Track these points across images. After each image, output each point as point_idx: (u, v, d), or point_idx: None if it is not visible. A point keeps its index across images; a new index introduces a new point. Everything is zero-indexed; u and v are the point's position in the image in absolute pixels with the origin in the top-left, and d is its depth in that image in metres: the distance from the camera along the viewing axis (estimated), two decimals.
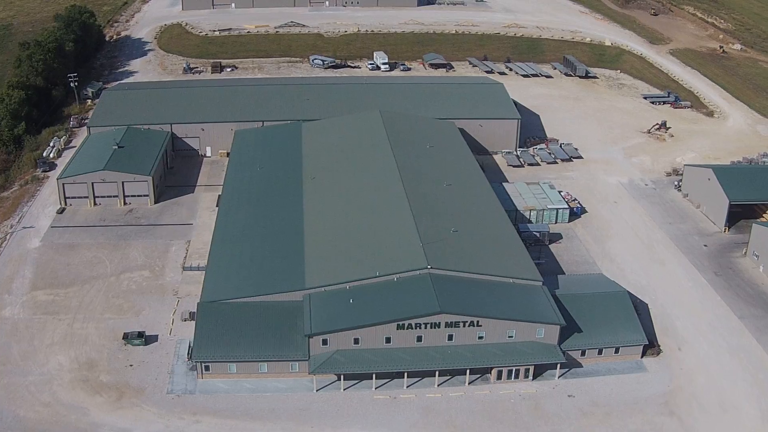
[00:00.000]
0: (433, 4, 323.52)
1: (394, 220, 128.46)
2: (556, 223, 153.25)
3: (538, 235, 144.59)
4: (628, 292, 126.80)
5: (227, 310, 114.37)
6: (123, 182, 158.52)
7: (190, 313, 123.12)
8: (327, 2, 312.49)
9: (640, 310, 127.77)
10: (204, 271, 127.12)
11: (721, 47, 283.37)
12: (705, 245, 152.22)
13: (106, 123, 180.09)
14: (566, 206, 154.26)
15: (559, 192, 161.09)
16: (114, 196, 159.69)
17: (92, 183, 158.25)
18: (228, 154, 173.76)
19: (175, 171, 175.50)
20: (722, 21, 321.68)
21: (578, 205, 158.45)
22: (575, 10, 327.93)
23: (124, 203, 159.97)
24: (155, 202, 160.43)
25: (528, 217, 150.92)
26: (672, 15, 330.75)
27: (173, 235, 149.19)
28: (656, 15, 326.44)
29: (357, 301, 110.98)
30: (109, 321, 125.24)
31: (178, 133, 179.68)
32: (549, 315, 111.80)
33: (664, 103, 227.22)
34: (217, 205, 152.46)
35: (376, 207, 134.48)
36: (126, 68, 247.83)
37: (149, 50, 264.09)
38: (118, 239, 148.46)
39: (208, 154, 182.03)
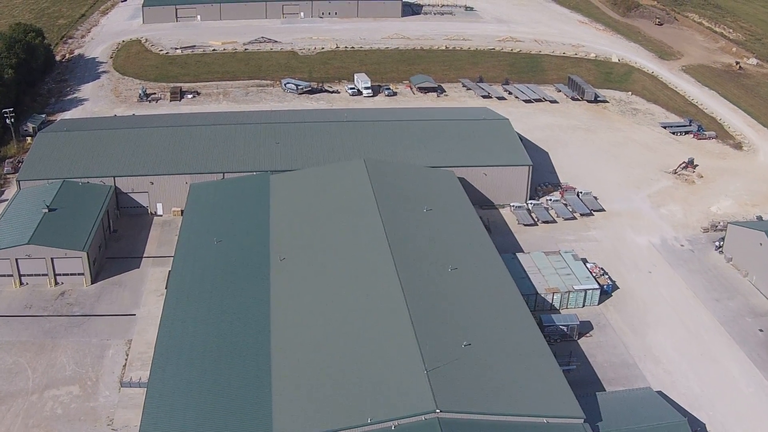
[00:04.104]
0: (419, 14, 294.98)
1: (388, 332, 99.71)
2: (583, 306, 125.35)
3: (565, 329, 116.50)
4: (686, 413, 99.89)
5: None
6: (53, 258, 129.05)
7: None
8: (302, 14, 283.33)
9: None
10: (145, 390, 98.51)
11: (737, 63, 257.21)
12: (760, 330, 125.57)
13: (38, 175, 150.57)
14: (596, 285, 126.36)
15: (584, 262, 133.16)
16: (43, 275, 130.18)
17: (16, 259, 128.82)
18: (182, 212, 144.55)
19: (119, 235, 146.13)
20: (731, 30, 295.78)
21: (609, 282, 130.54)
22: (573, 20, 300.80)
23: (55, 283, 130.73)
24: (92, 282, 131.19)
25: (551, 302, 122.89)
26: (678, 24, 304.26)
27: (111, 331, 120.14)
28: (661, 25, 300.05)
29: None
30: None
31: (123, 187, 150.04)
32: None
33: (686, 132, 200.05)
34: (166, 287, 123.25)
35: (363, 310, 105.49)
36: (75, 95, 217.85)
37: (103, 72, 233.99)
38: (45, 336, 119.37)
39: (159, 212, 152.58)
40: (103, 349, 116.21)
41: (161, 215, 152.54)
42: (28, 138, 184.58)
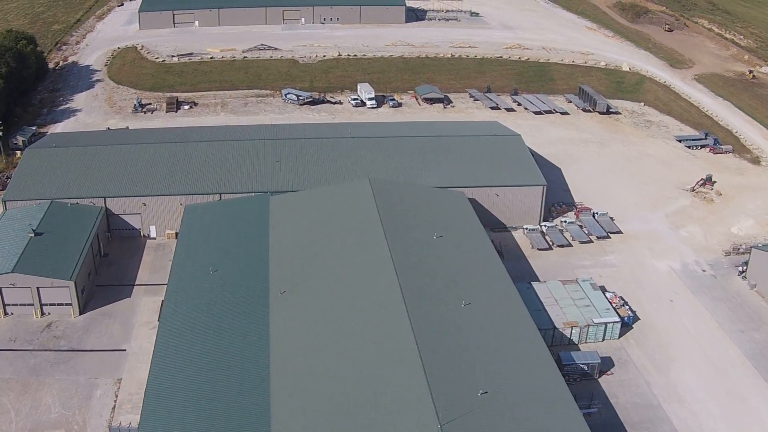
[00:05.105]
0: (423, 20, 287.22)
1: (398, 381, 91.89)
2: (603, 340, 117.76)
3: (585, 368, 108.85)
4: None
5: None
6: (38, 288, 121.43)
7: None
8: (303, 19, 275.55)
9: None
10: None
11: (750, 71, 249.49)
12: None
13: (25, 195, 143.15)
14: (616, 317, 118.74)
15: (603, 290, 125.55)
16: (29, 305, 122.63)
17: (0, 288, 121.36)
18: (177, 235, 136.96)
19: (110, 260, 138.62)
20: (741, 37, 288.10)
21: (629, 313, 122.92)
22: (581, 26, 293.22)
23: (42, 314, 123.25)
24: (80, 313, 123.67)
25: (569, 336, 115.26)
26: (688, 31, 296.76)
27: (100, 369, 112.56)
28: (671, 31, 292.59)
29: None
30: None
31: (114, 208, 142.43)
32: None
33: (702, 146, 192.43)
34: (158, 319, 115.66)
35: (370, 354, 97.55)
36: (68, 105, 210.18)
37: (97, 81, 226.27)
38: (30, 374, 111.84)
39: (153, 234, 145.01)
40: (91, 389, 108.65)
41: (155, 238, 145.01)
42: (18, 152, 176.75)
